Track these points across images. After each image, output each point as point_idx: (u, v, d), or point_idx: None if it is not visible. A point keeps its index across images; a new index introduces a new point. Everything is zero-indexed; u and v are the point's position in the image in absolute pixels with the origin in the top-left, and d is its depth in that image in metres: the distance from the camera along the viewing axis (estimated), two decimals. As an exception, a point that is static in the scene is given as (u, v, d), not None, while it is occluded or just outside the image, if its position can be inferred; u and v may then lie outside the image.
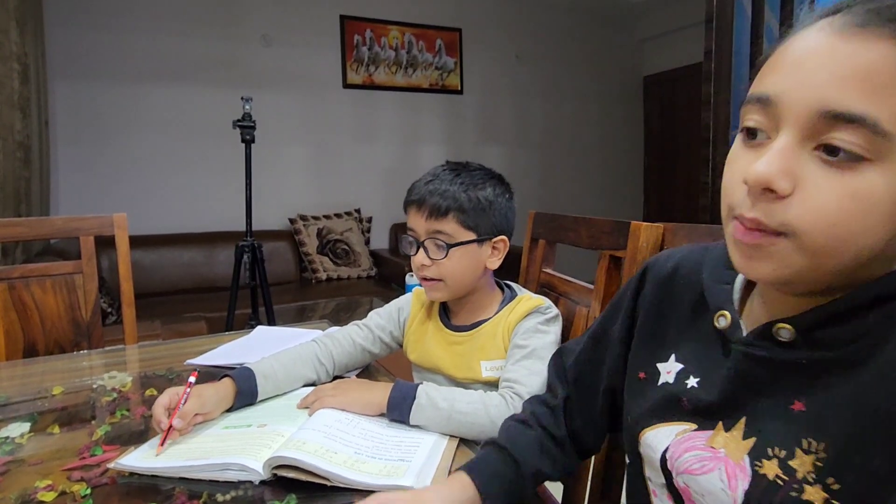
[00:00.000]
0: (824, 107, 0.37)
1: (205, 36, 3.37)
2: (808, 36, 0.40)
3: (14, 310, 1.17)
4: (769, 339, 0.45)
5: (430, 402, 0.76)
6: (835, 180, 0.38)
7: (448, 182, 0.91)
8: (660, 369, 0.57)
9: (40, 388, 1.00)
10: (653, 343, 0.59)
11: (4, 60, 1.98)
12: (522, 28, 4.39)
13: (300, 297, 3.16)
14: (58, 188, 3.03)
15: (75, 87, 3.07)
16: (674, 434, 0.52)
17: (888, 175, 0.37)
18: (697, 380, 0.52)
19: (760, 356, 0.46)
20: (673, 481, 0.51)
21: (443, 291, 0.93)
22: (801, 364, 0.44)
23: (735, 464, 0.46)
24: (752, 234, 0.41)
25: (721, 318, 0.51)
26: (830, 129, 0.37)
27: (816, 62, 0.38)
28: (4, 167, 2.01)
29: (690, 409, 0.51)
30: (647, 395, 0.57)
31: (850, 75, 0.37)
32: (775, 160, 0.39)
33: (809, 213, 0.38)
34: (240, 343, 1.21)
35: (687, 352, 0.55)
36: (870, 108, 0.36)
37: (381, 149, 3.97)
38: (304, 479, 0.65)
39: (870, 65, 0.37)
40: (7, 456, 0.76)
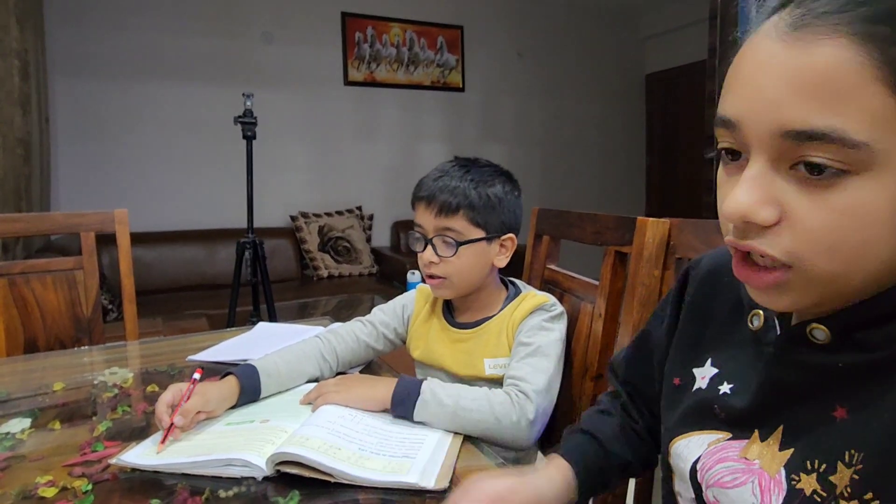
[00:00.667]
0: (784, 127, 0.34)
1: (206, 33, 3.36)
2: (757, 44, 0.37)
3: (15, 306, 1.16)
4: (803, 340, 0.41)
5: (434, 399, 0.75)
6: (821, 200, 0.34)
7: (458, 178, 0.90)
8: (695, 374, 0.53)
9: (41, 384, 1.00)
10: (690, 347, 0.56)
11: (4, 57, 1.98)
12: (524, 25, 4.38)
13: (302, 295, 3.16)
14: (58, 185, 3.02)
15: (76, 84, 3.06)
16: (706, 444, 0.49)
17: (876, 184, 0.33)
18: (731, 385, 0.48)
19: (793, 359, 0.42)
20: (703, 495, 0.48)
21: (449, 289, 0.92)
22: (839, 368, 0.40)
23: (770, 477, 0.42)
24: (759, 276, 0.38)
25: (755, 318, 0.47)
26: (800, 148, 0.34)
27: (767, 77, 0.35)
28: (4, 164, 2.00)
29: (724, 416, 0.48)
30: (682, 402, 0.53)
31: (803, 87, 0.33)
32: (749, 191, 0.36)
33: (803, 241, 0.35)
34: (241, 339, 1.20)
35: (723, 356, 0.51)
36: (832, 119, 0.32)
37: (383, 146, 3.96)
38: (307, 476, 0.64)
39: (820, 71, 0.33)
40: (8, 452, 0.75)
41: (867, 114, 0.32)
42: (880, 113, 0.32)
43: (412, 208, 0.95)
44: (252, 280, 2.19)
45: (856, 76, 0.32)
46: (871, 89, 0.32)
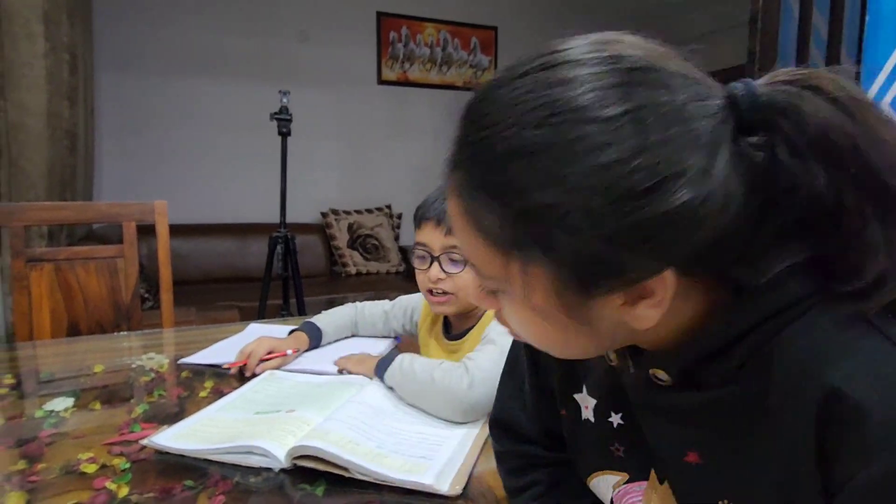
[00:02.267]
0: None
1: (244, 31, 3.43)
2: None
3: (60, 290, 1.21)
4: (651, 383, 0.41)
5: (399, 366, 0.87)
6: (503, 303, 0.40)
7: None
8: (578, 402, 0.50)
9: (83, 365, 1.04)
10: (566, 373, 0.51)
11: (56, 51, 2.06)
12: (558, 27, 4.26)
13: (330, 291, 3.20)
14: (100, 176, 3.13)
15: (119, 79, 3.16)
16: (611, 486, 0.48)
17: (517, 304, 0.38)
18: (619, 415, 0.46)
19: (645, 402, 0.42)
20: None
21: (453, 306, 0.95)
22: (683, 409, 0.40)
23: None
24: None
25: (610, 354, 0.44)
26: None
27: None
28: (52, 154, 2.08)
29: (621, 454, 0.47)
30: (578, 436, 0.51)
31: (453, 223, 0.39)
32: (474, 288, 0.42)
33: (511, 326, 0.41)
34: (233, 341, 1.18)
35: (595, 384, 0.49)
36: (466, 254, 0.39)
37: (414, 146, 3.98)
38: (322, 469, 0.65)
39: (451, 215, 0.39)
40: (52, 429, 0.79)
41: (479, 256, 0.37)
42: (486, 258, 0.37)
43: (416, 227, 0.97)
44: (283, 274, 2.23)
45: (461, 224, 0.37)
46: (471, 237, 0.37)
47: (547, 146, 0.32)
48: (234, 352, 1.08)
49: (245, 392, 0.87)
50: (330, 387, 0.88)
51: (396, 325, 1.16)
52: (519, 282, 0.36)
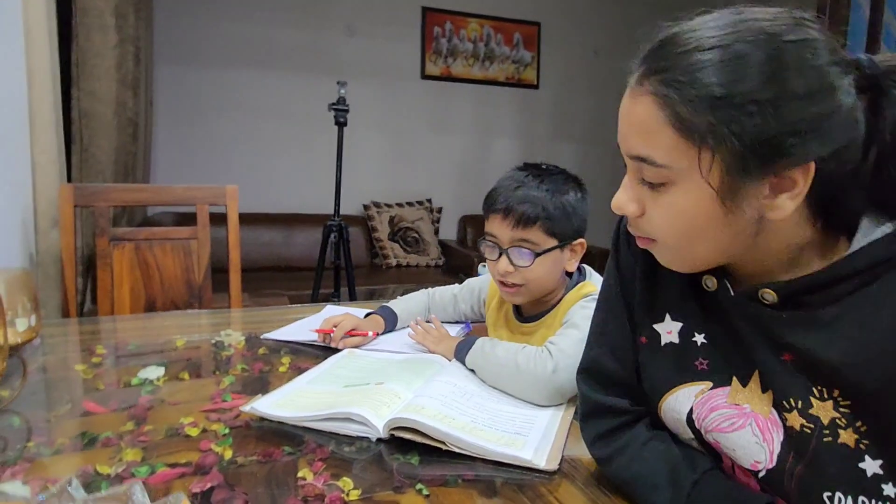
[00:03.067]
0: (629, 152, 0.50)
1: (293, 25, 3.50)
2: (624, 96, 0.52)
3: (139, 269, 1.27)
4: (755, 300, 0.50)
5: (481, 349, 0.88)
6: (655, 200, 0.49)
7: (535, 188, 0.91)
8: (658, 330, 0.59)
9: (165, 339, 1.09)
10: (648, 305, 0.60)
11: (124, 43, 2.14)
12: (601, 23, 4.30)
13: (371, 282, 3.25)
14: (157, 163, 3.24)
15: (176, 70, 3.26)
16: (693, 395, 0.55)
17: (682, 190, 0.47)
18: (703, 335, 0.56)
19: (753, 315, 0.51)
20: (703, 437, 0.55)
21: (523, 296, 0.95)
22: (783, 320, 0.49)
23: (765, 418, 0.50)
24: (640, 241, 0.54)
25: (708, 281, 0.54)
26: (640, 166, 0.49)
27: (622, 120, 0.50)
28: (118, 141, 2.17)
29: (706, 366, 0.55)
30: (657, 359, 0.59)
31: (636, 128, 0.49)
32: (621, 194, 0.52)
33: (653, 224, 0.51)
34: (310, 321, 1.22)
35: (683, 309, 0.58)
36: (646, 150, 0.48)
37: (455, 140, 4.00)
38: (419, 441, 0.68)
39: (640, 118, 0.48)
40: (149, 395, 0.83)
41: (664, 147, 0.46)
42: (672, 146, 0.46)
43: (485, 217, 0.96)
44: (335, 262, 2.27)
45: (655, 122, 0.46)
46: (664, 131, 0.46)
47: (741, 51, 0.43)
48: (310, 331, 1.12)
49: (329, 368, 0.90)
50: (411, 362, 0.90)
51: (465, 308, 1.16)
52: (703, 165, 0.45)
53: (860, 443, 0.45)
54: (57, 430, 0.72)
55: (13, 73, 1.29)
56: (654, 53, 0.47)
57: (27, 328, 0.73)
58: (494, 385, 0.84)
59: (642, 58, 0.48)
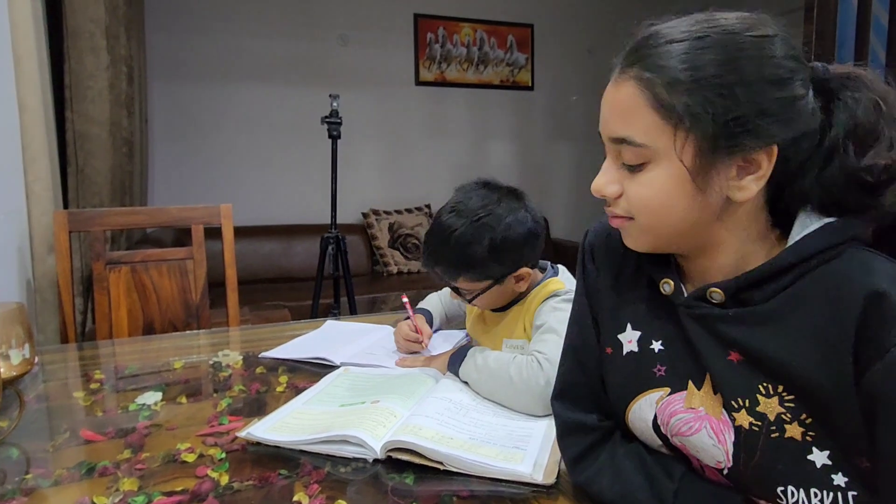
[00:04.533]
0: (609, 134, 0.53)
1: (287, 37, 3.51)
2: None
3: (136, 291, 1.27)
4: (704, 300, 0.53)
5: (472, 361, 0.89)
6: (634, 179, 0.52)
7: (448, 250, 0.91)
8: (621, 340, 0.61)
9: (163, 362, 1.09)
10: (611, 317, 0.62)
11: (116, 63, 2.15)
12: (595, 22, 4.31)
13: (372, 290, 3.25)
14: (153, 181, 3.25)
15: (170, 87, 3.28)
16: (654, 402, 0.57)
17: (660, 168, 0.50)
18: (660, 342, 0.57)
19: (702, 315, 0.53)
20: (670, 442, 0.57)
21: (487, 308, 1.02)
22: (729, 317, 0.51)
23: (717, 420, 0.52)
24: (614, 220, 0.56)
25: (665, 285, 0.56)
26: (620, 150, 0.52)
27: (604, 107, 0.53)
28: (113, 162, 2.17)
29: (663, 372, 0.57)
30: (620, 369, 0.60)
31: (616, 111, 0.52)
32: (600, 177, 0.55)
33: (632, 204, 0.53)
34: (310, 337, 1.23)
35: (640, 318, 0.60)
36: (626, 130, 0.51)
37: (452, 145, 4.01)
38: (416, 462, 0.68)
39: (621, 101, 0.51)
40: (147, 421, 0.83)
41: (643, 127, 0.50)
42: (650, 125, 0.49)
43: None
44: (334, 273, 2.28)
45: (635, 104, 0.50)
46: (643, 112, 0.49)
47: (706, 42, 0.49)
48: (313, 348, 1.12)
49: (325, 387, 0.90)
50: (407, 378, 0.90)
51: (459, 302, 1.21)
52: (678, 143, 0.48)
53: (806, 435, 0.47)
54: (55, 461, 0.72)
55: (4, 103, 1.30)
56: (637, 46, 0.52)
57: (21, 360, 0.73)
58: (489, 397, 0.85)
59: (627, 52, 0.52)
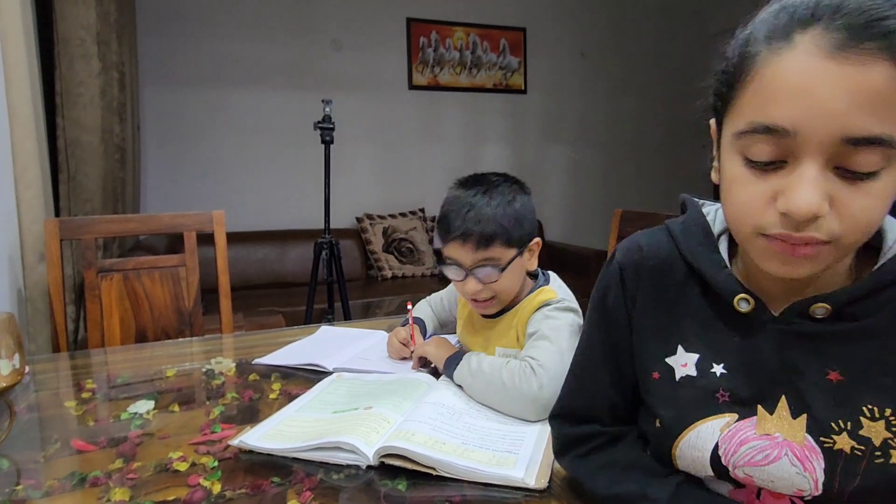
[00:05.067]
0: (847, 134, 0.39)
1: (279, 42, 3.52)
2: (798, 59, 0.40)
3: (128, 299, 1.27)
4: (804, 316, 0.49)
5: (468, 364, 0.89)
6: (860, 189, 0.41)
7: (485, 206, 0.91)
8: (671, 364, 0.55)
9: (155, 370, 1.09)
10: (657, 339, 0.57)
11: (108, 70, 2.15)
12: (588, 25, 4.33)
13: (367, 295, 3.24)
14: (146, 187, 3.24)
15: (163, 93, 3.27)
16: (717, 430, 0.51)
17: (893, 172, 0.41)
18: (722, 365, 0.52)
19: (800, 332, 0.49)
20: (730, 474, 0.51)
21: (495, 306, 0.97)
22: (833, 334, 0.47)
23: (800, 446, 0.48)
24: (804, 249, 0.43)
25: (742, 303, 0.51)
26: (851, 153, 0.40)
27: (825, 91, 0.39)
28: (105, 169, 2.17)
29: (728, 398, 0.52)
30: (673, 395, 0.54)
31: (864, 101, 0.38)
32: (814, 191, 0.41)
33: (848, 223, 0.42)
34: (304, 343, 1.21)
35: (695, 339, 0.54)
36: (885, 128, 0.39)
37: (446, 149, 4.01)
38: (409, 468, 0.67)
39: (877, 88, 0.38)
40: (139, 430, 0.83)
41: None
42: None
43: (441, 241, 0.96)
44: (328, 279, 2.27)
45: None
46: None
47: None
48: (307, 354, 1.11)
49: (318, 394, 0.90)
50: (399, 384, 0.90)
51: (448, 307, 1.22)
52: None
53: None
54: (46, 471, 0.72)
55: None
56: (877, 7, 0.38)
57: (11, 371, 0.73)
58: (482, 402, 0.85)
59: (863, 14, 0.38)
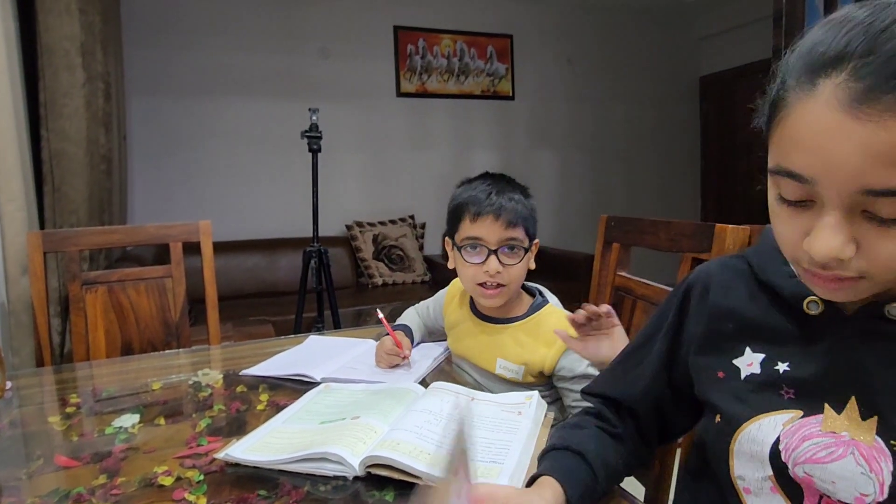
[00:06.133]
0: (865, 187, 0.40)
1: (267, 51, 3.51)
2: (817, 110, 0.41)
3: (113, 311, 1.26)
4: (881, 317, 0.49)
5: None
6: (889, 234, 0.41)
7: (512, 192, 1.01)
8: (737, 365, 0.57)
9: (141, 383, 1.08)
10: (723, 343, 0.59)
11: (92, 80, 2.13)
12: (574, 31, 4.36)
13: (357, 302, 3.23)
14: (134, 198, 3.21)
15: (150, 103, 3.26)
16: (780, 424, 0.52)
17: None
18: (787, 363, 0.53)
19: (874, 332, 0.49)
20: (788, 472, 0.51)
21: (504, 296, 1.01)
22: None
23: (868, 446, 0.47)
24: (835, 283, 0.45)
25: (812, 305, 0.53)
26: (874, 202, 0.40)
27: (842, 147, 0.40)
28: (91, 180, 2.15)
29: (792, 394, 0.52)
30: (736, 390, 0.56)
31: (884, 157, 0.38)
32: (833, 238, 0.42)
33: (878, 263, 0.43)
34: (292, 353, 1.20)
35: (763, 342, 0.56)
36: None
37: (435, 156, 4.02)
38: (396, 478, 0.67)
39: (893, 143, 0.38)
40: (123, 444, 0.82)
41: None
42: None
43: (468, 221, 1.00)
44: (317, 287, 2.26)
45: None
46: None
47: None
48: (295, 365, 1.11)
49: (305, 404, 0.89)
50: (385, 394, 0.89)
51: (434, 315, 1.23)
52: None
53: None
54: (28, 489, 0.71)
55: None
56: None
57: (-8, 387, 0.72)
58: None
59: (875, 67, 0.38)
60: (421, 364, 1.09)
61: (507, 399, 0.87)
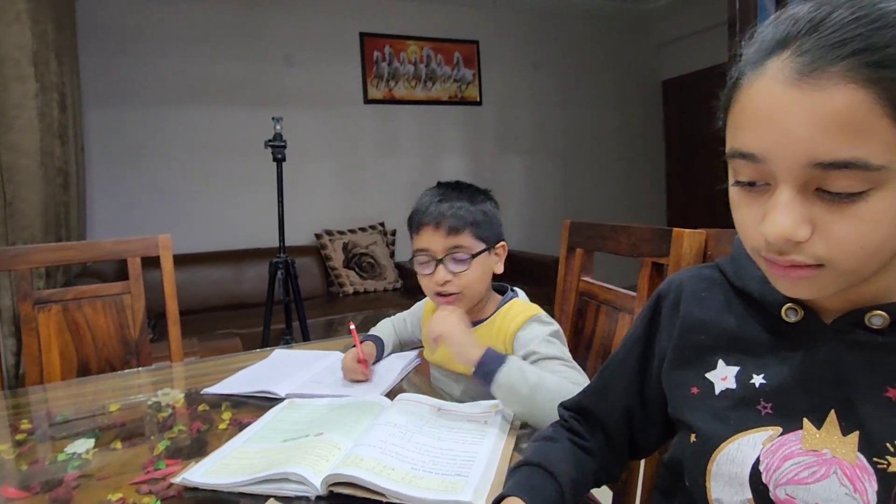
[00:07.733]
0: (814, 159, 0.40)
1: (231, 59, 3.46)
2: (764, 87, 0.42)
3: (68, 330, 1.21)
4: (860, 325, 0.46)
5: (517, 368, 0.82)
6: (845, 212, 0.40)
7: (457, 199, 0.99)
8: (711, 379, 0.55)
9: (98, 405, 1.04)
10: (695, 356, 0.57)
11: (46, 91, 2.07)
12: (539, 37, 4.42)
13: (328, 312, 3.20)
14: (92, 211, 3.12)
15: (108, 113, 3.17)
16: (759, 443, 0.49)
17: (892, 193, 0.40)
18: (762, 375, 0.51)
19: (854, 342, 0.47)
20: (769, 495, 0.48)
21: (462, 303, 1.00)
22: (892, 347, 0.45)
23: (851, 465, 0.44)
24: (795, 271, 0.43)
25: (790, 312, 0.50)
26: (826, 177, 0.40)
27: (789, 119, 0.40)
28: (46, 193, 2.08)
29: (770, 409, 0.50)
30: (712, 407, 0.54)
31: (829, 126, 0.39)
32: (785, 217, 0.41)
33: (835, 246, 0.41)
34: (256, 369, 1.17)
35: (738, 352, 0.54)
36: (857, 151, 0.38)
37: (404, 162, 4.02)
38: (360, 496, 0.66)
39: (842, 112, 0.38)
40: (76, 471, 0.79)
41: (882, 143, 0.38)
42: (891, 141, 0.38)
43: (413, 234, 1.03)
44: (285, 299, 2.23)
45: (869, 114, 0.38)
46: (881, 123, 0.38)
47: None
48: (260, 379, 1.09)
49: (268, 422, 0.87)
50: (351, 408, 0.88)
51: (411, 328, 1.22)
52: None
53: None
54: (-28, 524, 0.68)
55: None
56: (845, 30, 0.38)
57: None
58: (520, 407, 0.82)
59: (824, 38, 0.39)
60: (387, 376, 1.08)
61: (472, 409, 0.86)
